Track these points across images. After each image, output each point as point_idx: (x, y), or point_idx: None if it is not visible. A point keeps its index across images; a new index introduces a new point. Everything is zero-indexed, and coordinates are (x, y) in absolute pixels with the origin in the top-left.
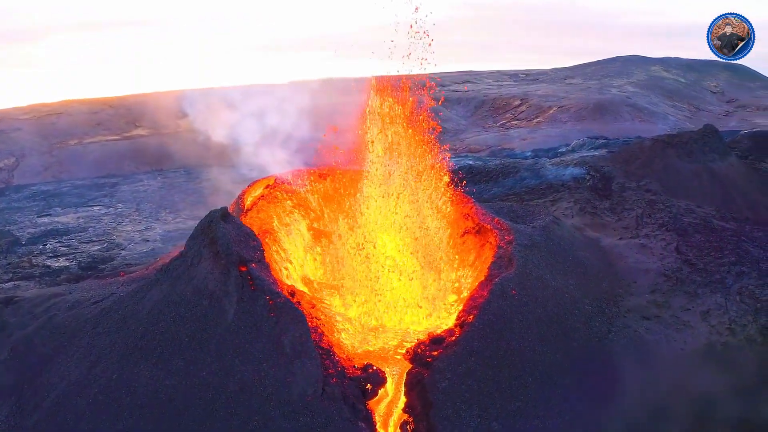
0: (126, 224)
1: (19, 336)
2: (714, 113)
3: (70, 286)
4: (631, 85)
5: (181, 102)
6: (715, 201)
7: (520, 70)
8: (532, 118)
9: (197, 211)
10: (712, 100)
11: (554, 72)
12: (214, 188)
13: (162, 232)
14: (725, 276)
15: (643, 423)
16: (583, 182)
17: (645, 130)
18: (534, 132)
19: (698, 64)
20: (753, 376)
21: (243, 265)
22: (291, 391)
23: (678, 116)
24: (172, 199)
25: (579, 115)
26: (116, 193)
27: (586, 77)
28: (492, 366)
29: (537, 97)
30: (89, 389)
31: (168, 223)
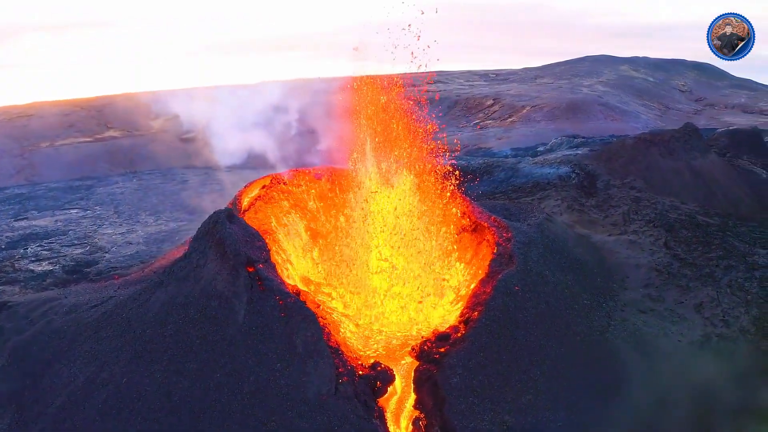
0: (106, 227)
1: (17, 342)
2: (683, 112)
3: (65, 290)
4: (602, 84)
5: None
6: (697, 197)
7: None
8: (505, 118)
9: (177, 213)
10: (681, 98)
11: (524, 72)
12: (192, 190)
13: (144, 235)
14: (714, 270)
15: (648, 412)
16: (569, 180)
17: (618, 129)
18: (509, 131)
19: (666, 63)
20: (749, 365)
21: (251, 265)
22: (306, 391)
23: (649, 115)
24: (150, 201)
25: (552, 115)
26: (92, 196)
27: (556, 77)
28: (500, 361)
29: (509, 96)
30: (97, 394)
31: (149, 225)
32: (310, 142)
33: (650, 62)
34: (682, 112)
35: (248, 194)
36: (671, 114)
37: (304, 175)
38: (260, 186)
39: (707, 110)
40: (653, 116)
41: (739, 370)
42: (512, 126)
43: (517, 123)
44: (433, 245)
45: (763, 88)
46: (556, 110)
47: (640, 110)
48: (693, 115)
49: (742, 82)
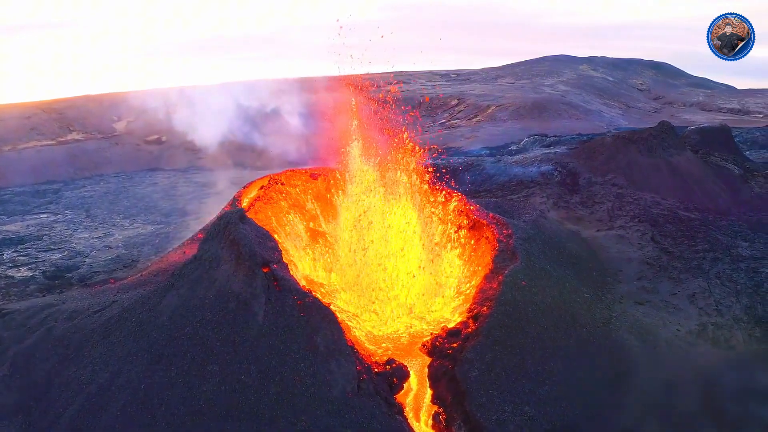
0: (82, 231)
1: (17, 351)
2: (644, 110)
3: (62, 296)
4: (563, 84)
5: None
6: (677, 193)
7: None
8: (471, 117)
9: (152, 216)
10: (640, 97)
11: (485, 72)
12: (163, 192)
13: (123, 239)
14: (702, 262)
15: (657, 398)
16: (552, 178)
17: (583, 128)
18: (476, 130)
19: (623, 62)
20: (745, 351)
21: (265, 266)
22: (332, 390)
23: (611, 113)
24: (122, 205)
25: (518, 114)
26: (61, 200)
27: (517, 77)
28: (515, 353)
29: (474, 96)
30: (114, 401)
31: (126, 228)
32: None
33: (608, 62)
34: (642, 111)
35: (247, 195)
36: (632, 112)
37: (301, 175)
38: (258, 186)
39: (666, 108)
40: (615, 114)
41: (737, 356)
42: (479, 125)
43: (483, 122)
44: (432, 244)
45: (719, 86)
46: (521, 109)
47: (603, 109)
48: (653, 113)
49: (699, 81)
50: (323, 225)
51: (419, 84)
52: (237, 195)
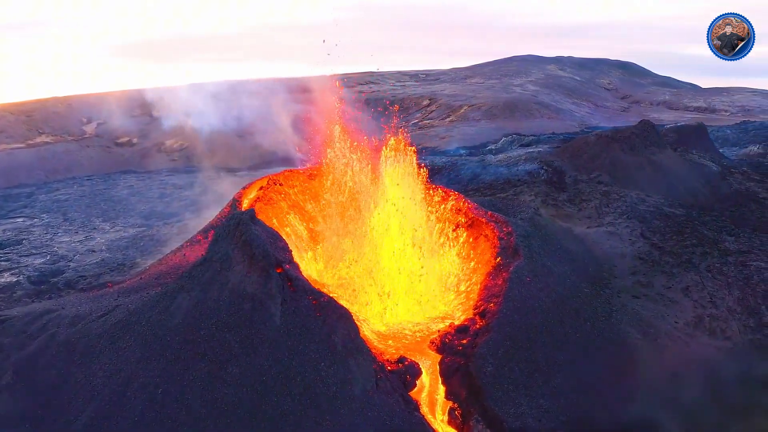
0: (62, 235)
1: (20, 358)
2: (612, 109)
3: (59, 301)
4: (532, 83)
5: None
6: (660, 190)
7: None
8: (444, 117)
9: (132, 219)
10: (608, 96)
11: (454, 72)
12: (140, 194)
13: (105, 242)
14: (692, 257)
15: (663, 388)
16: (539, 177)
17: (557, 127)
18: (450, 130)
19: (590, 62)
20: (741, 341)
21: (278, 266)
22: (353, 388)
23: (582, 112)
24: (100, 207)
25: (491, 114)
26: (35, 203)
27: (486, 77)
28: (526, 348)
29: (445, 96)
30: (131, 406)
31: (107, 232)
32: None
33: (575, 61)
34: (611, 110)
35: (247, 196)
36: (601, 111)
37: (299, 175)
38: (258, 187)
39: (634, 107)
40: (586, 113)
41: (734, 346)
42: (453, 125)
43: (456, 122)
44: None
45: (684, 85)
46: (493, 109)
47: (573, 108)
48: (622, 112)
49: (665, 80)
50: (323, 225)
51: (389, 85)
52: (237, 196)
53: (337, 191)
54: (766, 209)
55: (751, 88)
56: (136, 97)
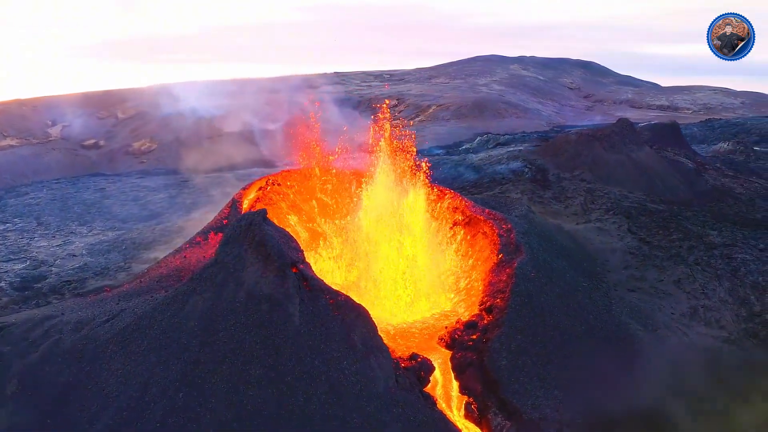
0: (38, 240)
1: (24, 366)
2: (576, 108)
3: (57, 306)
4: (497, 83)
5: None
6: (641, 187)
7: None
8: (413, 117)
9: (109, 222)
10: (571, 95)
11: (418, 72)
12: (114, 197)
13: (85, 246)
14: (679, 251)
15: (668, 377)
16: (523, 175)
17: (526, 126)
18: (421, 130)
19: (552, 62)
20: (734, 329)
21: (293, 266)
22: (377, 385)
23: (548, 112)
24: (74, 211)
25: (459, 113)
26: (6, 208)
27: (451, 77)
28: (536, 341)
29: (412, 96)
30: (151, 412)
31: (85, 235)
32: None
33: (538, 61)
34: (575, 109)
35: (247, 196)
36: (566, 110)
37: (296, 175)
38: (257, 188)
39: (598, 106)
40: (552, 112)
41: (729, 334)
42: (423, 125)
43: (426, 122)
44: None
45: (645, 84)
46: (462, 109)
47: (539, 107)
48: (586, 110)
49: (626, 79)
50: (322, 225)
51: (354, 85)
52: (237, 197)
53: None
54: (742, 204)
55: (712, 87)
56: (102, 98)
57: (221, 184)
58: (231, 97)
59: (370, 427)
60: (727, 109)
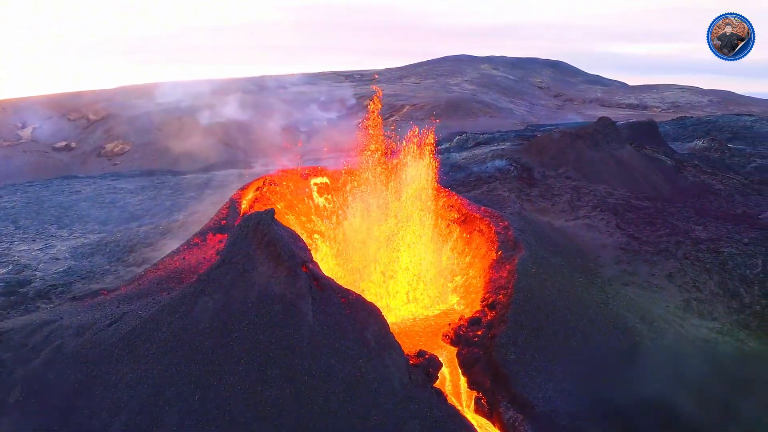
0: (18, 243)
1: (26, 372)
2: (547, 107)
3: (54, 311)
4: (468, 83)
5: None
6: (624, 184)
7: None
8: (387, 117)
9: (89, 225)
10: (541, 95)
11: (388, 72)
12: (90, 200)
13: (68, 249)
14: (668, 245)
15: (669, 367)
16: (509, 173)
17: (501, 125)
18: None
19: (522, 61)
20: (727, 321)
21: (303, 266)
22: (392, 382)
23: (521, 111)
24: (51, 214)
25: (433, 113)
26: None
27: (422, 76)
28: (542, 336)
29: (385, 96)
30: (167, 416)
31: (66, 239)
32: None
33: (507, 61)
34: (546, 108)
35: (245, 197)
36: (537, 109)
37: (292, 175)
38: (254, 188)
39: (568, 105)
40: (524, 111)
41: (722, 326)
42: (397, 125)
43: (400, 122)
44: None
45: (612, 83)
46: (436, 108)
47: (511, 107)
48: (557, 109)
49: (594, 78)
50: (319, 224)
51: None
52: (235, 197)
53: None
54: (723, 200)
55: (680, 85)
56: (72, 100)
57: (198, 186)
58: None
59: (390, 424)
60: (695, 107)
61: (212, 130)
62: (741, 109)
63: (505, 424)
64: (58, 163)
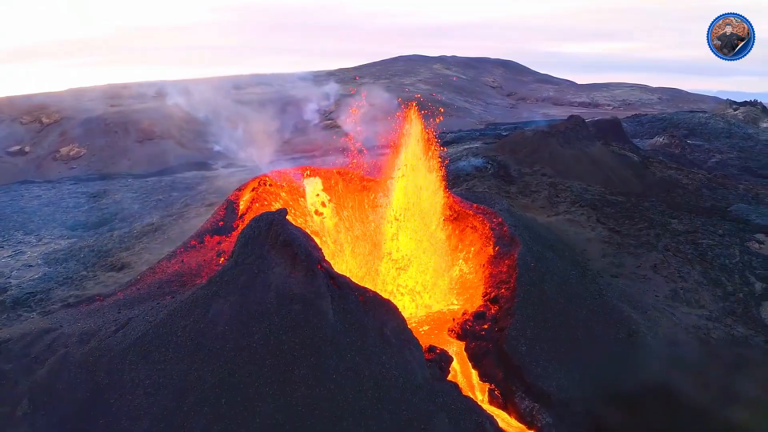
0: None
1: (32, 384)
2: (501, 106)
3: (51, 318)
4: (422, 83)
5: None
6: (598, 180)
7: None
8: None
9: (57, 230)
10: (494, 94)
11: (341, 72)
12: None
13: (39, 255)
14: (649, 238)
15: (666, 353)
16: (486, 171)
17: (461, 125)
18: None
19: (473, 61)
20: (714, 308)
21: (319, 264)
22: (416, 377)
23: (477, 110)
24: (14, 220)
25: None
26: None
27: (375, 76)
28: (547, 327)
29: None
30: (193, 421)
31: (36, 245)
32: None
33: (459, 60)
34: (500, 107)
35: (243, 197)
36: (492, 108)
37: (285, 175)
38: (250, 189)
39: (521, 104)
40: (480, 111)
41: (710, 313)
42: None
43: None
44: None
45: (562, 81)
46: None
47: (468, 106)
48: (511, 108)
49: (544, 77)
50: (316, 223)
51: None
52: (232, 198)
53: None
54: (691, 194)
55: (629, 83)
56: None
57: (164, 189)
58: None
59: (420, 419)
60: (645, 104)
61: (168, 132)
62: (690, 106)
63: (522, 413)
64: (12, 168)
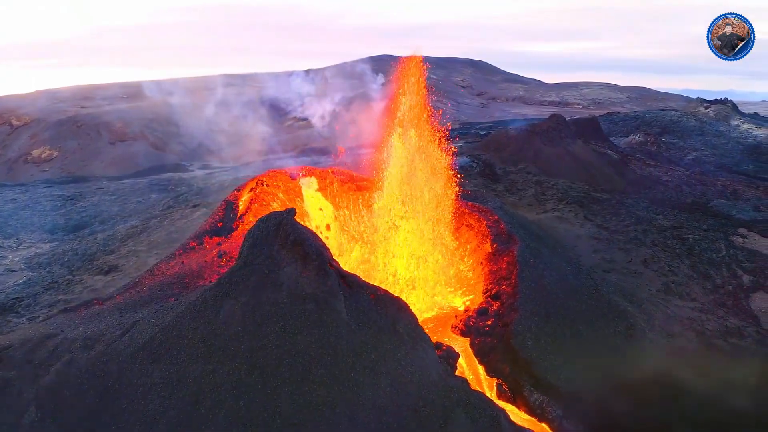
0: None
1: (40, 391)
2: (472, 106)
3: (50, 324)
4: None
5: None
6: (581, 177)
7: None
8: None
9: (36, 234)
10: (465, 94)
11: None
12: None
13: (22, 260)
14: (636, 234)
15: (664, 344)
16: (472, 169)
17: None
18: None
19: (442, 61)
20: (705, 300)
21: (330, 264)
22: (431, 374)
23: (449, 110)
24: None
25: None
26: None
27: (347, 77)
28: (550, 321)
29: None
30: (211, 423)
31: (16, 249)
32: None
33: (429, 60)
34: (471, 106)
35: (241, 198)
36: (464, 108)
37: (281, 176)
38: (248, 189)
39: (492, 103)
40: (452, 110)
41: (702, 306)
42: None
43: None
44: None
45: (531, 81)
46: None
47: (440, 106)
48: (482, 108)
49: (513, 77)
50: (312, 223)
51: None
52: (231, 198)
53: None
54: (671, 190)
55: (598, 82)
56: None
57: (141, 191)
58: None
59: (438, 414)
60: (615, 103)
61: (141, 134)
62: (659, 104)
63: (531, 406)
64: None
